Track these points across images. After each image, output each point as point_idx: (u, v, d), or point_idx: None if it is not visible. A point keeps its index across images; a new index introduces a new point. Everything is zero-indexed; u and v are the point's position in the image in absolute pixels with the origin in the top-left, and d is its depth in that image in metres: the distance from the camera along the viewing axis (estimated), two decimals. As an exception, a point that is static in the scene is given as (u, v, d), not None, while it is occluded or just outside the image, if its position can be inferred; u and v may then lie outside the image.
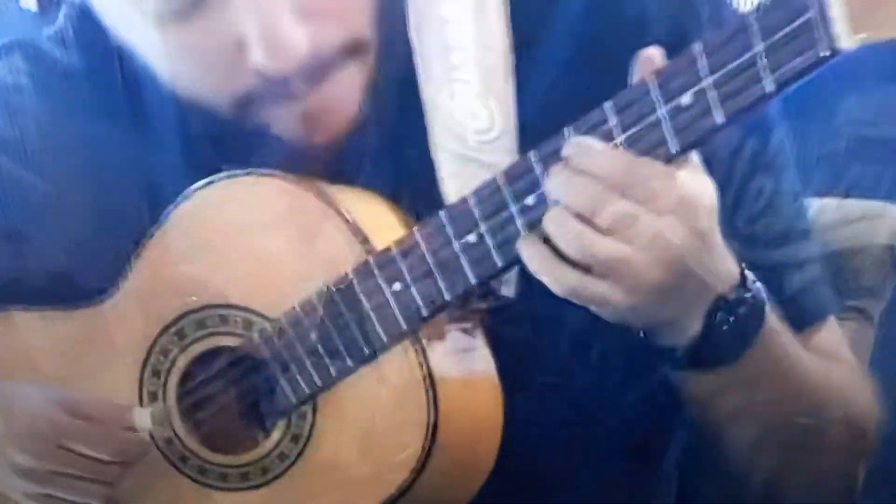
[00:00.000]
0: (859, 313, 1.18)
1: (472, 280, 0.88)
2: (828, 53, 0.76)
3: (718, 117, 0.79)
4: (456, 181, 0.92)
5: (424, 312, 0.90)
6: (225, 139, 0.96)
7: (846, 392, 0.99)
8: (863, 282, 1.18)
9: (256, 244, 0.95)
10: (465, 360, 0.93)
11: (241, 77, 0.91)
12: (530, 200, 0.85)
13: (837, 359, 1.01)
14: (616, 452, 1.02)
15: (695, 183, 0.84)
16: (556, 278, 0.85)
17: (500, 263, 0.87)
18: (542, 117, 0.87)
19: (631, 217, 0.82)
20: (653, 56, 0.81)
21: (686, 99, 0.79)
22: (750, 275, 0.90)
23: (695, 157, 0.84)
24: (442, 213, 0.88)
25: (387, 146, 0.96)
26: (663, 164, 0.82)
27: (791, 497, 0.98)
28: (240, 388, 0.98)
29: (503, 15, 0.94)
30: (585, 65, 0.92)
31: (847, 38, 0.75)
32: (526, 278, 0.88)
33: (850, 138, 1.64)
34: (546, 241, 0.85)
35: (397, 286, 0.90)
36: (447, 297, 0.89)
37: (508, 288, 0.92)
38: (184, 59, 0.92)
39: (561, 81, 0.92)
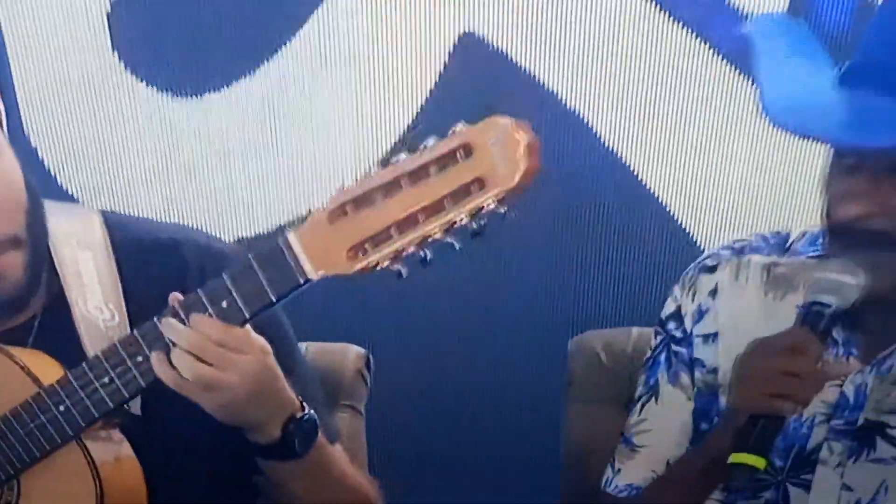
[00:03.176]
0: (352, 409, 1.73)
1: (110, 404, 1.32)
2: (306, 280, 1.22)
3: (247, 313, 1.26)
4: (95, 349, 1.36)
5: (83, 423, 1.34)
6: None
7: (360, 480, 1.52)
8: (346, 391, 1.73)
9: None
10: (115, 451, 1.38)
11: None
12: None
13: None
14: None
15: (259, 341, 1.32)
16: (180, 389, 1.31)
17: (126, 395, 1.32)
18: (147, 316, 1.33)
19: (223, 356, 1.29)
20: (177, 296, 1.29)
21: (224, 304, 1.25)
22: (305, 405, 1.39)
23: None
24: (84, 364, 1.32)
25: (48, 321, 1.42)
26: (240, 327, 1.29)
27: None
28: (-33, 471, 1.42)
29: (111, 258, 1.43)
30: None
31: (312, 273, 1.22)
32: (147, 403, 1.34)
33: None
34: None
35: (62, 407, 1.33)
36: (96, 414, 1.33)
37: (136, 408, 1.36)
38: None
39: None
